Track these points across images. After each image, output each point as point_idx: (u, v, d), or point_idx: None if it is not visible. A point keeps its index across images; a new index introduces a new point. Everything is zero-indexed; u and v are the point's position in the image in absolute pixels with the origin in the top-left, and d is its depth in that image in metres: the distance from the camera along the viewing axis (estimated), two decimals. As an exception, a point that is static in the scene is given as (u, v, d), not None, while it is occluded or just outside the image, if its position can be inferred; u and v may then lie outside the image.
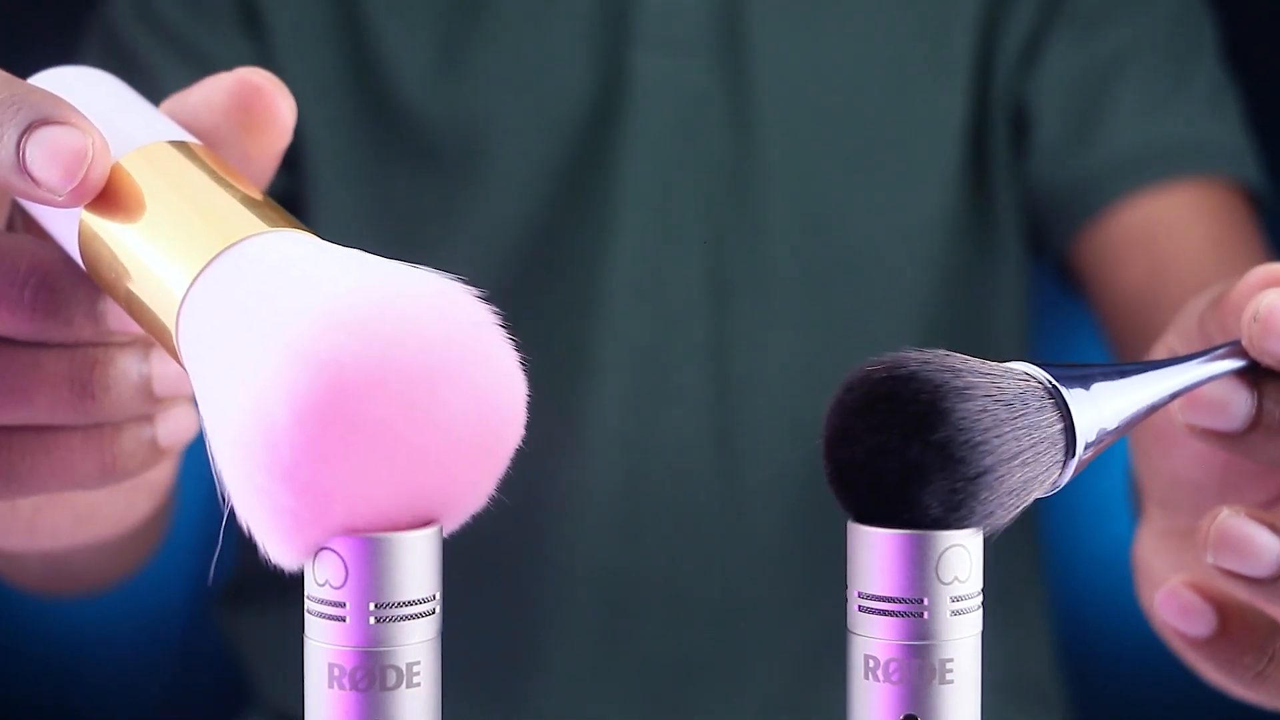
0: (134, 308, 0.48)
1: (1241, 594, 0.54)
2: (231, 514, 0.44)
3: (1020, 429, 0.46)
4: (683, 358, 0.96)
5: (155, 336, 0.48)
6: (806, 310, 0.96)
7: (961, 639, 0.46)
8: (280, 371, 0.42)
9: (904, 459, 0.45)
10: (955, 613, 0.45)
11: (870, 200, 0.97)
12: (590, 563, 0.96)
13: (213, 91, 0.53)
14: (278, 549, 0.44)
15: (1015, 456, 0.46)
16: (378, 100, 0.97)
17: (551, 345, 0.96)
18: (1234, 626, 0.55)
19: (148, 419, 0.54)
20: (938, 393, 0.45)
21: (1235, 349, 0.53)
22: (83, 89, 0.53)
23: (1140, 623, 0.62)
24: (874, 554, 0.46)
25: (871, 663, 0.45)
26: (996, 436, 0.45)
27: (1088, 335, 1.02)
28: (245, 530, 0.44)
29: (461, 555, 0.62)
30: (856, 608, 0.46)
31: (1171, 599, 0.55)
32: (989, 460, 0.45)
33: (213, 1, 0.97)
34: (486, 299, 0.45)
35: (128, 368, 0.52)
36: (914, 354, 0.46)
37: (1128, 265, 0.96)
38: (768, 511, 0.97)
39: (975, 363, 0.47)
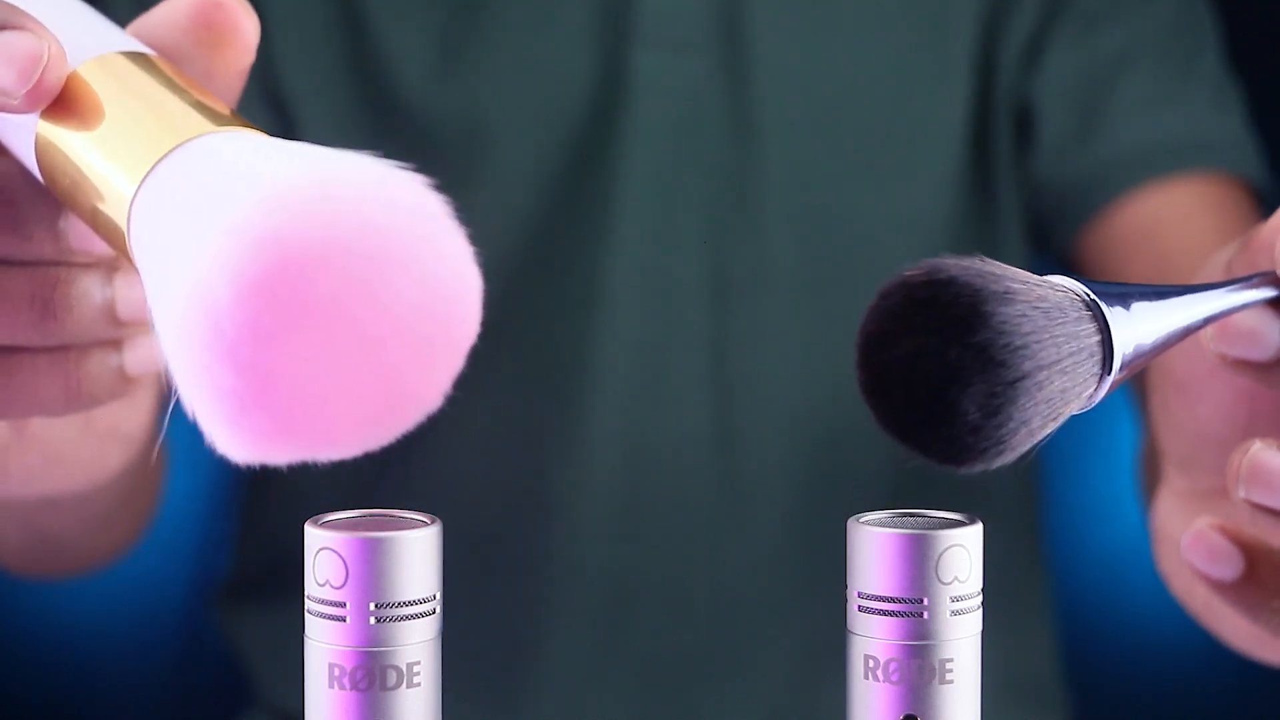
0: (91, 216, 0.48)
1: (1270, 531, 0.53)
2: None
3: (1059, 337, 0.45)
4: (682, 356, 0.96)
5: (109, 241, 0.48)
6: (807, 309, 0.96)
7: (961, 639, 0.45)
8: (222, 250, 0.41)
9: (943, 361, 0.44)
10: (955, 613, 0.45)
11: (871, 199, 0.97)
12: (590, 562, 0.96)
13: (174, 9, 0.53)
14: (224, 435, 0.42)
15: (1055, 363, 0.45)
16: (377, 96, 0.97)
17: (551, 343, 0.96)
18: (1261, 570, 0.54)
19: (114, 345, 0.53)
20: (978, 296, 0.44)
21: (1269, 278, 0.52)
22: (42, 1, 0.52)
23: (1142, 623, 0.62)
24: (874, 554, 0.46)
25: (871, 663, 0.45)
26: (1036, 341, 0.45)
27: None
28: (190, 416, 0.43)
29: (462, 555, 0.62)
30: (856, 608, 0.46)
31: (1199, 542, 0.55)
32: (1028, 365, 0.44)
33: None
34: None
35: (90, 288, 0.52)
36: (952, 259, 0.46)
37: (1132, 261, 0.96)
38: (768, 510, 0.97)
39: (1015, 270, 0.46)
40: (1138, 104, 0.98)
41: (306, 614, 0.44)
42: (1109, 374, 0.47)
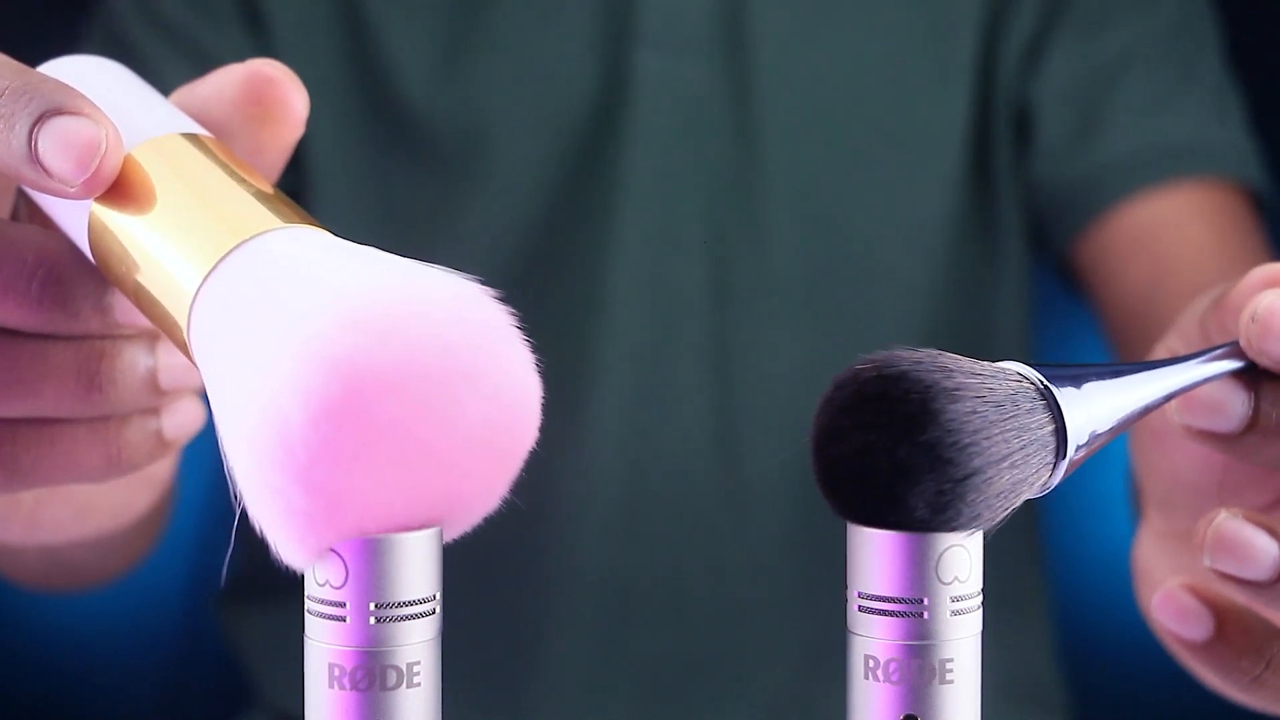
0: (143, 302, 0.48)
1: (1239, 597, 0.53)
2: (244, 513, 0.44)
3: (1010, 430, 0.46)
4: (684, 358, 0.96)
5: (165, 331, 0.48)
6: (808, 311, 0.96)
7: (961, 639, 0.45)
8: (296, 371, 0.42)
9: (892, 459, 0.45)
10: (955, 613, 0.45)
11: (872, 201, 0.97)
12: (591, 563, 0.96)
13: (224, 83, 0.53)
14: (290, 549, 0.43)
15: (1004, 458, 0.45)
16: (379, 98, 0.97)
17: (552, 346, 0.95)
18: (1231, 630, 0.54)
19: (153, 412, 0.54)
20: (928, 393, 0.45)
21: (1234, 350, 0.52)
22: (93, 78, 0.52)
23: (1141, 624, 0.62)
24: (874, 554, 0.45)
25: (871, 663, 0.45)
26: (986, 438, 0.45)
27: (1089, 335, 1.02)
28: (258, 531, 0.43)
29: (462, 555, 0.62)
30: (856, 608, 0.46)
31: (1168, 602, 0.55)
32: (977, 462, 0.45)
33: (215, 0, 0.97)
34: (500, 300, 0.45)
35: (134, 360, 0.52)
36: (905, 353, 0.46)
37: (1130, 266, 0.96)
38: (768, 512, 0.97)
39: (967, 363, 0.46)
40: (1137, 108, 0.98)
41: (306, 614, 0.44)
42: (1063, 459, 0.47)
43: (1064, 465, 0.47)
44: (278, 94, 0.53)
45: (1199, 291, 0.98)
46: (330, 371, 0.42)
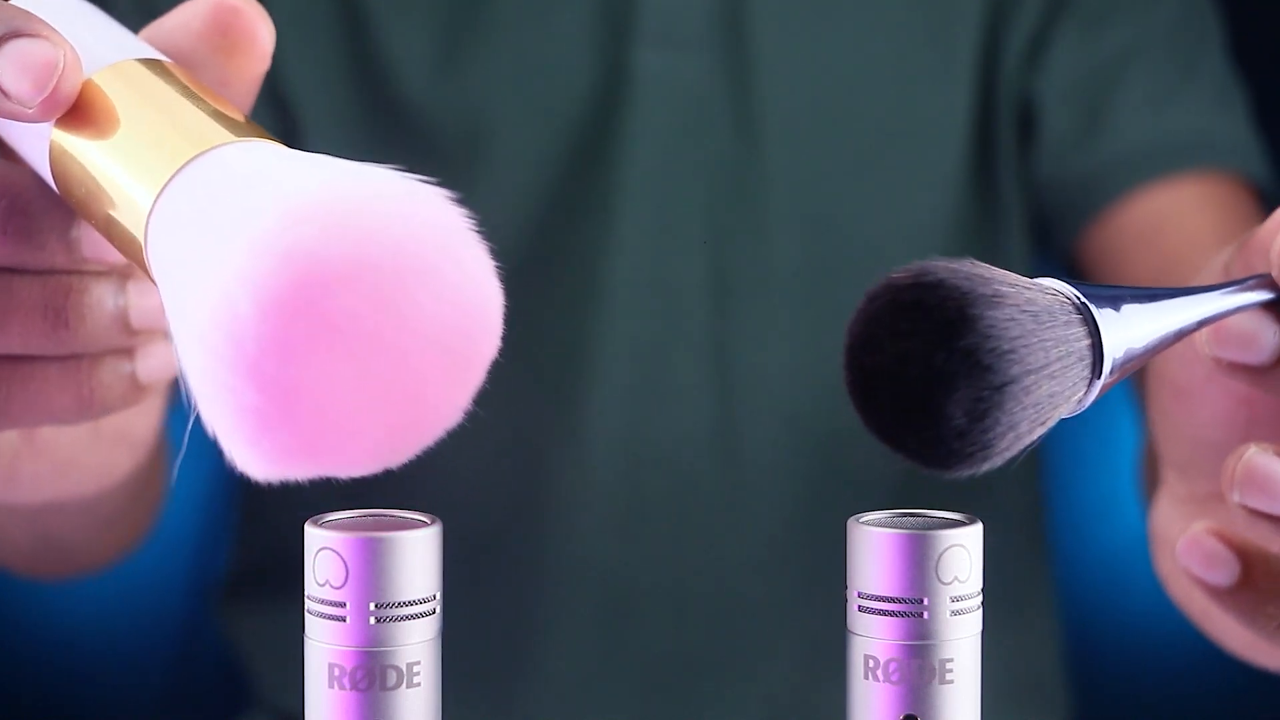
0: (107, 228, 0.48)
1: (1266, 536, 0.53)
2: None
3: (1048, 341, 0.45)
4: (683, 355, 0.96)
5: (127, 254, 0.47)
6: (808, 309, 0.96)
7: (961, 639, 0.45)
8: (244, 264, 0.41)
9: (929, 365, 0.43)
10: (955, 613, 0.45)
11: (874, 198, 0.97)
12: (590, 561, 0.96)
13: (190, 14, 0.52)
14: (246, 454, 0.42)
15: (1043, 367, 0.44)
16: (378, 94, 0.97)
17: (551, 342, 0.96)
18: (1257, 575, 0.54)
19: (126, 353, 0.53)
20: (965, 299, 0.44)
21: (1265, 281, 0.52)
22: (54, 7, 0.52)
23: (1145, 623, 0.61)
24: (874, 554, 0.45)
25: (871, 663, 0.45)
26: (1024, 345, 0.44)
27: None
28: (211, 435, 0.42)
29: (461, 554, 0.62)
30: (856, 608, 0.46)
31: (1194, 546, 0.54)
32: (1016, 369, 0.44)
33: None
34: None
35: (103, 296, 0.51)
36: (941, 261, 0.45)
37: (1135, 260, 0.96)
38: (768, 511, 0.96)
39: (1003, 273, 0.45)
40: (1141, 102, 0.98)
41: (306, 614, 0.44)
42: (1099, 378, 0.46)
43: (1099, 384, 0.46)
44: (243, 24, 0.52)
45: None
46: (279, 262, 0.41)
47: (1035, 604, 1.03)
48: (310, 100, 0.97)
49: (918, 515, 0.47)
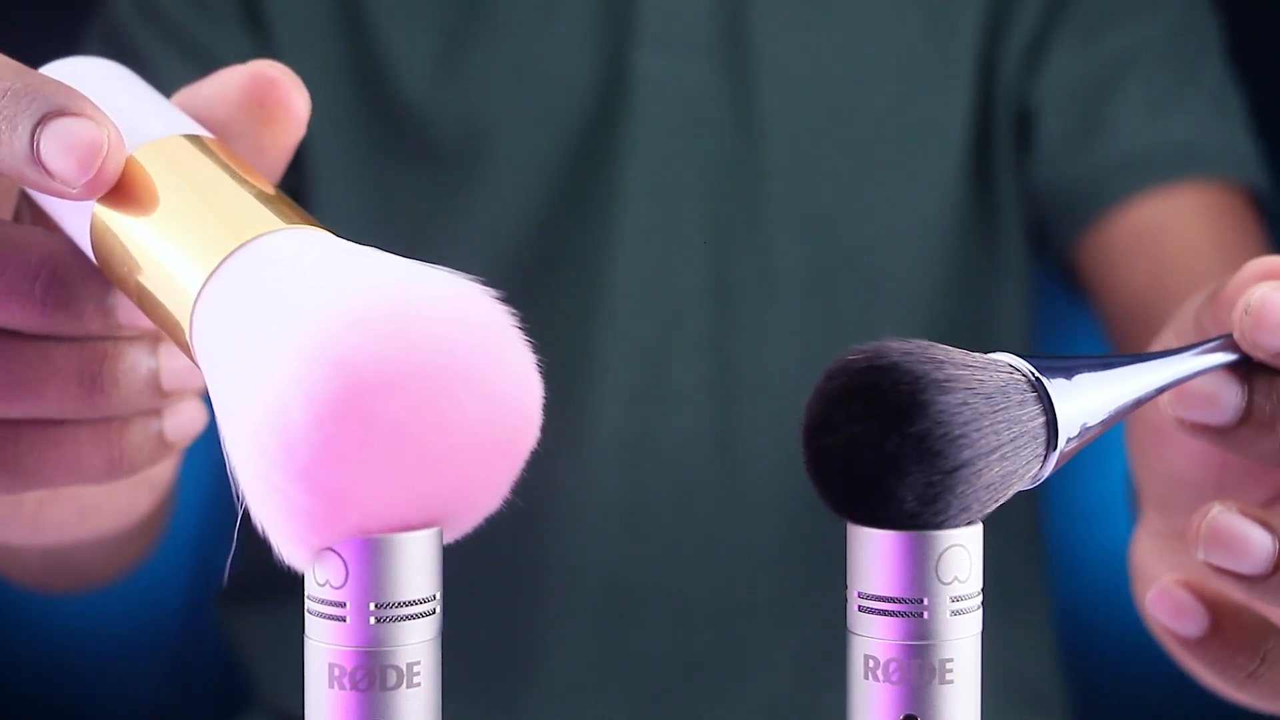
0: (146, 302, 0.48)
1: (1233, 592, 0.53)
2: (245, 513, 0.44)
3: (1000, 422, 0.46)
4: (684, 357, 0.96)
5: (167, 332, 0.48)
6: (808, 310, 0.96)
7: (961, 639, 0.45)
8: (298, 370, 0.42)
9: (881, 450, 0.44)
10: (955, 613, 0.45)
11: (873, 200, 0.97)
12: (591, 563, 0.96)
13: (226, 84, 0.53)
14: (291, 548, 0.43)
15: (994, 450, 0.45)
16: (379, 98, 0.97)
17: (553, 345, 0.95)
18: (1227, 626, 0.54)
19: (155, 413, 0.54)
20: (918, 384, 0.45)
21: (1227, 342, 0.52)
22: (95, 80, 0.52)
23: (1141, 624, 0.62)
24: (874, 554, 0.45)
25: (871, 663, 0.45)
26: (976, 430, 0.45)
27: (1089, 335, 1.02)
28: (260, 530, 0.43)
29: (462, 555, 0.61)
30: (856, 608, 0.46)
31: (1164, 598, 0.55)
32: (967, 454, 0.45)
33: None
34: (501, 300, 0.45)
35: (137, 362, 0.52)
36: (896, 343, 0.46)
37: (1131, 268, 0.96)
38: (768, 512, 0.97)
39: (958, 354, 0.46)
40: (1139, 109, 0.98)
41: (306, 614, 0.44)
42: (1054, 452, 0.47)
43: (1055, 457, 0.47)
44: (279, 95, 0.53)
45: (1197, 291, 0.97)
46: (333, 370, 0.42)
47: (1031, 605, 1.03)
48: (313, 105, 0.97)
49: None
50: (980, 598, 0.46)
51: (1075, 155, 0.98)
